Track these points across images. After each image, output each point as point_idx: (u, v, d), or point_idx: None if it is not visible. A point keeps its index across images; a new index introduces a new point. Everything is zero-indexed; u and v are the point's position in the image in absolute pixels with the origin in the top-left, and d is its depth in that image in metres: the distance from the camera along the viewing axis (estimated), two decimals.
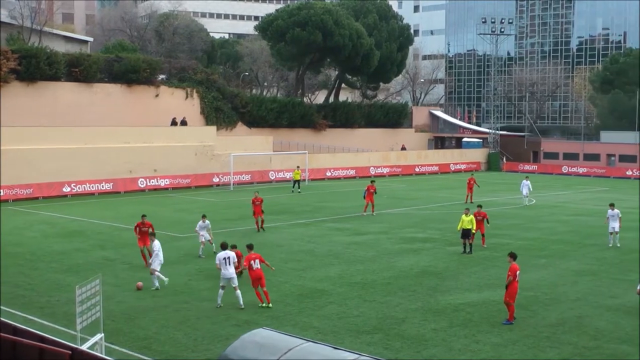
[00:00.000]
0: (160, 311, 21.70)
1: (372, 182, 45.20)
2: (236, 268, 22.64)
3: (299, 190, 57.73)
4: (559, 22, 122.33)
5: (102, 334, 15.55)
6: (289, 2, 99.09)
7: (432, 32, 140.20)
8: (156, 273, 24.42)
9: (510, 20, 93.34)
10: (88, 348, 13.87)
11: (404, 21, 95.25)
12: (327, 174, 70.93)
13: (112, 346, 17.81)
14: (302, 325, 20.28)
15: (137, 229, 28.40)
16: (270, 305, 22.07)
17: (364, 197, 43.35)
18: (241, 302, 21.91)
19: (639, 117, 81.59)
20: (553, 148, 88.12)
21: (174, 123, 65.14)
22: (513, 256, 21.25)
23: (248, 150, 65.38)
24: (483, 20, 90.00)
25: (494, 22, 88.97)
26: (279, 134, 74.93)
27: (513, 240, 34.54)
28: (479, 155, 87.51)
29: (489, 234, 35.00)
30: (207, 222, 30.97)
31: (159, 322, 20.58)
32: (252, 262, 22.05)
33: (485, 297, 23.51)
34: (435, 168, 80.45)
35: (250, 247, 23.01)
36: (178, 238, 34.74)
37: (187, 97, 70.86)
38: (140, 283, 24.66)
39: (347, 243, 33.86)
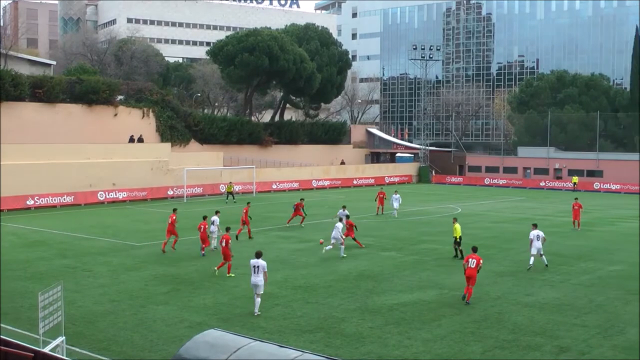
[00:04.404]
0: (119, 315, 21.37)
1: (301, 199, 43.99)
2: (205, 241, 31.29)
3: (234, 200, 57.43)
4: (481, 49, 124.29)
5: (64, 337, 15.25)
6: (238, 29, 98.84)
7: (368, 57, 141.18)
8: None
9: (438, 47, 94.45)
10: (50, 350, 13.59)
11: (343, 47, 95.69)
12: (273, 186, 70.80)
13: (73, 348, 17.48)
14: (250, 325, 20.15)
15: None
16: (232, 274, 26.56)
17: (294, 210, 42.80)
18: (256, 309, 21.25)
19: (551, 134, 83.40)
20: (476, 162, 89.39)
21: (131, 140, 64.49)
22: (472, 249, 23.83)
23: (200, 165, 64.95)
24: (414, 47, 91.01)
25: (423, 49, 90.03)
26: (228, 150, 74.57)
27: (441, 245, 34.83)
28: (410, 168, 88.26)
29: (419, 239, 35.38)
30: (216, 218, 33.53)
31: (117, 325, 20.27)
32: (224, 240, 27.04)
33: (417, 297, 23.69)
34: (372, 180, 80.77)
35: (227, 229, 28.04)
36: (135, 246, 34.32)
37: (143, 116, 70.12)
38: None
39: (292, 250, 33.82)
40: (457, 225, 31.46)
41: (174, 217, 32.97)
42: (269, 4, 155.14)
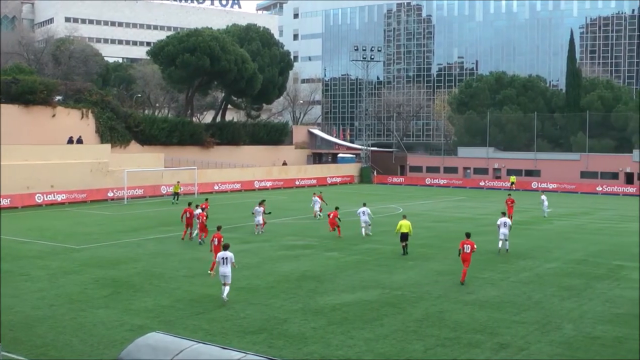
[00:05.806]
0: (58, 319, 20.96)
1: (264, 200, 42.01)
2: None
3: (177, 201, 56.49)
4: (422, 50, 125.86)
5: (0, 344, 14.92)
6: (178, 29, 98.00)
7: (310, 58, 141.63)
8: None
9: (379, 49, 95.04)
10: None
11: (285, 48, 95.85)
12: (215, 187, 70.32)
13: (10, 355, 17.09)
14: (193, 328, 20.01)
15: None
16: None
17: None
18: (224, 295, 22.79)
19: (490, 135, 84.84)
20: (417, 162, 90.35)
21: (70, 141, 63.38)
22: (466, 235, 26.69)
23: (141, 167, 64.15)
24: (355, 48, 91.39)
25: (364, 50, 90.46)
26: (169, 151, 73.89)
27: (383, 245, 35.12)
28: (352, 169, 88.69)
29: (361, 239, 35.60)
30: (199, 212, 35.78)
31: (56, 329, 19.88)
32: (216, 239, 26.93)
33: (359, 297, 23.82)
34: (314, 181, 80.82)
35: (219, 228, 28.24)
36: (74, 249, 33.72)
37: (82, 117, 68.97)
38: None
39: (234, 251, 33.47)
40: (406, 222, 32.10)
41: (193, 211, 36.53)
42: (210, 4, 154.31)
